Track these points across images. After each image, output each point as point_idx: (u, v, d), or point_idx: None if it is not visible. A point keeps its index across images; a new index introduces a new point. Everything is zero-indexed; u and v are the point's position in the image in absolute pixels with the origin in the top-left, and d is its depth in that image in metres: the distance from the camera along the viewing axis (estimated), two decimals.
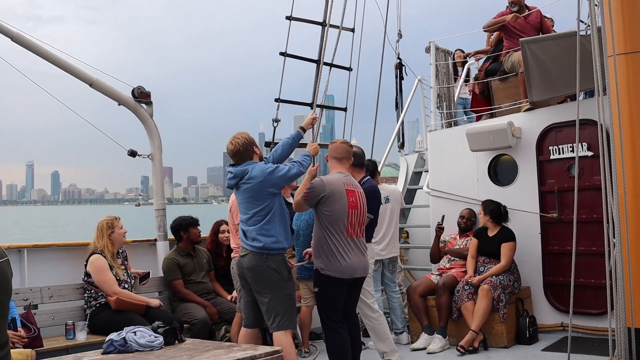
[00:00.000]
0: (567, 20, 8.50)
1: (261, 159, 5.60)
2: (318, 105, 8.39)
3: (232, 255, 6.80)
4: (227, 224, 7.41)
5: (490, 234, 7.63)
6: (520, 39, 7.86)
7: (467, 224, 8.10)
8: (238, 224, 6.03)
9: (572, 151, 7.40)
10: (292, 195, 6.76)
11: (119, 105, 7.66)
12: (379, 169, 7.92)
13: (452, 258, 7.99)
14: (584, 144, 7.33)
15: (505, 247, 7.45)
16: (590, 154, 7.29)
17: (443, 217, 8.14)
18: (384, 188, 7.71)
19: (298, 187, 6.06)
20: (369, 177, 6.67)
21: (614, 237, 5.35)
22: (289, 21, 8.32)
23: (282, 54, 8.28)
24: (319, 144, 6.21)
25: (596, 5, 5.64)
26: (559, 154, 7.66)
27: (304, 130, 6.00)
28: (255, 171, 5.36)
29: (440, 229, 8.07)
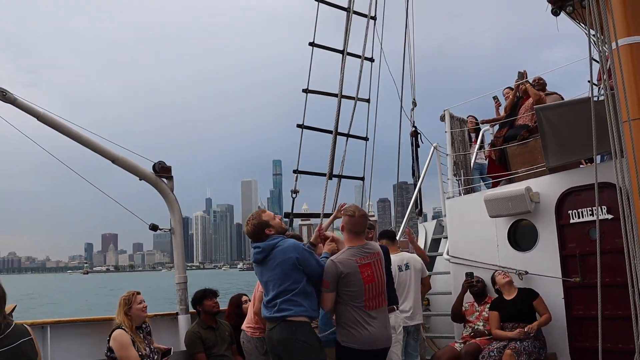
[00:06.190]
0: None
1: (281, 233, 5.70)
2: (335, 176, 8.46)
3: (242, 327, 6.82)
4: (246, 295, 7.46)
5: (508, 297, 7.63)
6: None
7: (477, 286, 8.11)
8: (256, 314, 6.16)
9: (592, 214, 7.39)
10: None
11: (140, 180, 7.78)
12: (397, 236, 7.95)
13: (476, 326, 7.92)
14: (603, 207, 7.33)
15: (539, 303, 7.49)
16: (610, 216, 7.27)
17: (470, 274, 8.12)
18: (403, 256, 7.72)
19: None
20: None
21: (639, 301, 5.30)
22: (305, 94, 8.52)
23: (299, 125, 8.43)
24: (325, 214, 6.28)
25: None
26: (579, 217, 7.66)
27: (314, 245, 6.07)
28: (288, 245, 5.46)
29: (469, 285, 8.06)
